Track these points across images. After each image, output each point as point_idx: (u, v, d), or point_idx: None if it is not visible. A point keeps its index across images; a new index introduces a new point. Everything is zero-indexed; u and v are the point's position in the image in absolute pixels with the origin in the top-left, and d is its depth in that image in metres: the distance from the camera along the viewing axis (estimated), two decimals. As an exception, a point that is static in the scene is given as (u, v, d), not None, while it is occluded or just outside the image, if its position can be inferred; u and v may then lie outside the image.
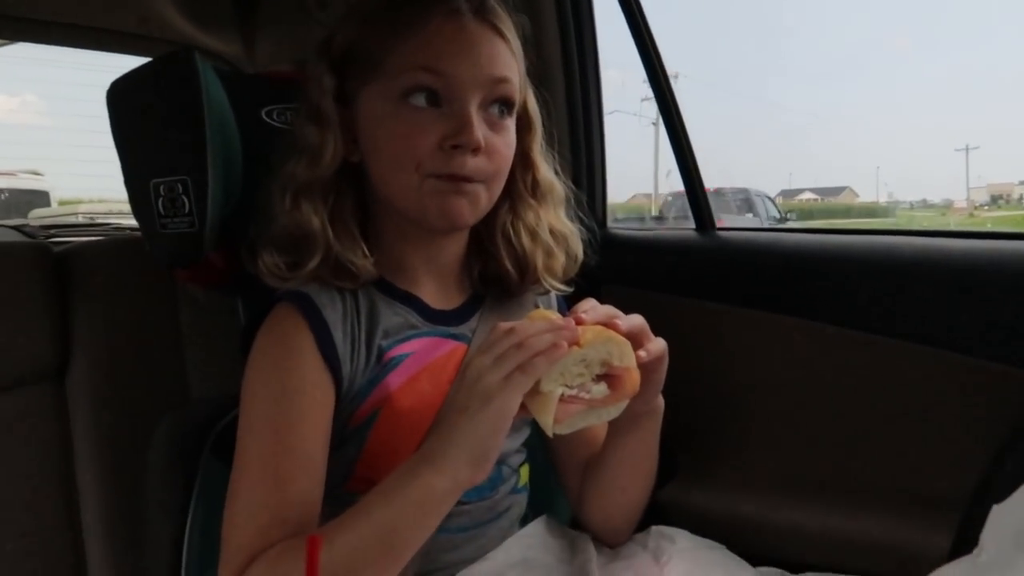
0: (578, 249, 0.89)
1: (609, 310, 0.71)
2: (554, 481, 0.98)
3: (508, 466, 0.87)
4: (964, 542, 0.80)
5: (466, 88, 0.75)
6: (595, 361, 0.67)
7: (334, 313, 0.76)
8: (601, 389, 0.68)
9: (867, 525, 0.90)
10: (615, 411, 0.70)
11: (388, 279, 0.82)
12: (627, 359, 0.67)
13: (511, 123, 0.80)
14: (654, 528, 0.89)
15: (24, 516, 0.98)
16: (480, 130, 0.74)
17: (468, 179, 0.75)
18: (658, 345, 0.73)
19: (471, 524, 0.82)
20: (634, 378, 0.68)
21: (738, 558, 0.87)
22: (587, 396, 0.67)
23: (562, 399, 0.66)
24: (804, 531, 0.94)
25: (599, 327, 0.67)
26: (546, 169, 0.87)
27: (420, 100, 0.74)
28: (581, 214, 0.92)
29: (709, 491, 1.03)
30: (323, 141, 0.77)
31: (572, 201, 0.90)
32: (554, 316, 0.70)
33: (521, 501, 0.90)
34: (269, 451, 0.71)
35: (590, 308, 0.71)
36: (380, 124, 0.77)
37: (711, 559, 0.86)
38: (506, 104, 0.79)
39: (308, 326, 0.75)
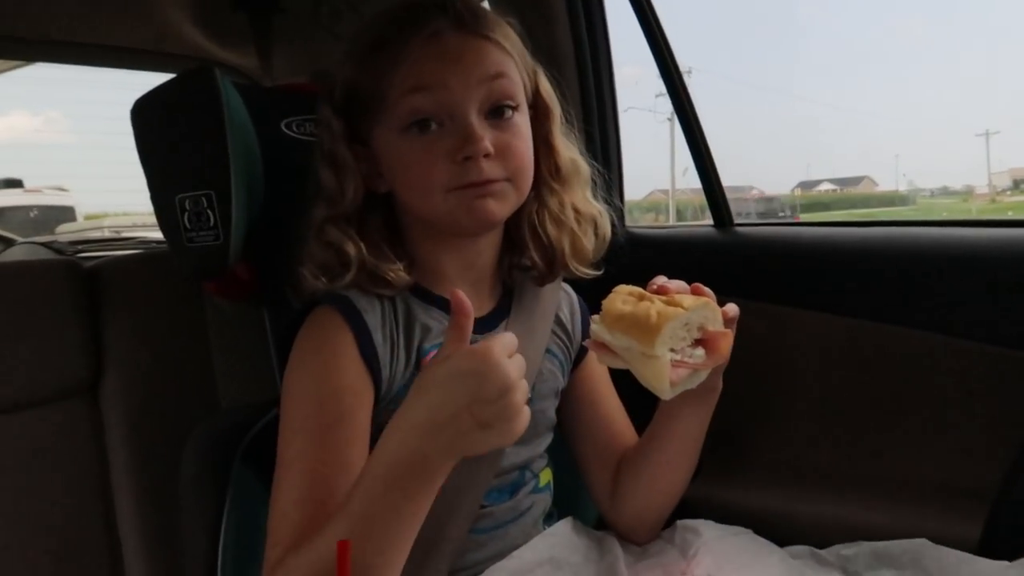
0: (606, 229, 0.89)
1: (680, 283, 0.73)
2: (578, 482, 0.98)
3: (530, 471, 0.88)
4: (993, 533, 0.80)
5: (460, 99, 0.76)
6: (694, 325, 0.68)
7: (373, 317, 0.78)
8: (700, 354, 0.69)
9: (894, 516, 0.89)
10: (704, 375, 0.72)
11: (424, 285, 0.83)
12: (719, 323, 0.70)
13: (519, 118, 0.80)
14: (679, 523, 0.89)
15: (62, 530, 1.00)
16: (486, 136, 0.75)
17: (489, 182, 0.76)
18: (734, 309, 0.75)
19: (494, 525, 0.83)
20: (728, 340, 0.70)
21: (765, 540, 0.87)
22: (690, 360, 0.68)
23: (671, 364, 0.67)
24: (829, 523, 0.93)
25: (693, 296, 0.69)
26: (568, 150, 0.87)
27: (423, 126, 0.76)
28: (607, 196, 0.92)
29: (734, 486, 1.03)
30: (341, 185, 0.79)
31: (598, 181, 0.91)
32: (639, 290, 0.70)
33: (543, 500, 0.90)
34: (310, 450, 0.73)
35: (666, 281, 0.72)
36: (395, 158, 0.78)
37: (738, 545, 0.86)
38: (509, 104, 0.79)
39: (349, 328, 0.76)
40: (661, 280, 0.72)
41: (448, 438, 0.62)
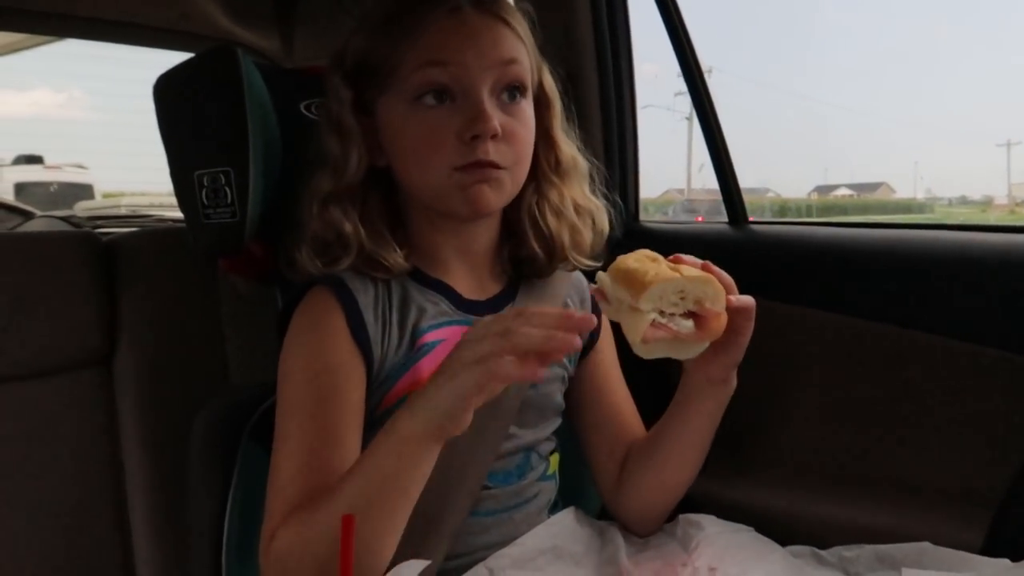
0: (604, 224, 0.90)
1: (697, 260, 0.73)
2: (585, 470, 0.99)
3: (537, 454, 0.88)
4: (998, 538, 0.80)
5: (474, 77, 0.76)
6: (691, 297, 0.69)
7: (366, 297, 0.79)
8: (688, 325, 0.69)
9: (898, 519, 0.89)
10: (695, 350, 0.72)
11: (421, 268, 0.83)
12: (719, 304, 0.70)
13: (526, 105, 0.81)
14: (681, 517, 0.89)
15: (73, 494, 1.01)
16: (496, 116, 0.76)
17: (493, 165, 0.77)
18: (749, 300, 0.74)
19: (498, 508, 0.83)
20: (721, 321, 0.70)
21: (767, 539, 0.87)
22: (675, 327, 0.69)
23: (652, 323, 0.68)
24: (834, 523, 0.93)
25: (700, 272, 0.70)
26: (568, 146, 0.88)
27: (432, 98, 0.76)
28: (606, 189, 0.93)
29: (739, 485, 1.03)
30: (346, 153, 0.79)
31: (596, 177, 0.91)
32: (658, 256, 0.71)
33: (549, 489, 0.90)
34: (304, 427, 0.74)
35: (688, 258, 0.72)
36: (400, 130, 0.79)
37: (740, 541, 0.86)
38: (518, 87, 0.80)
39: (341, 308, 0.77)
40: (680, 255, 0.72)
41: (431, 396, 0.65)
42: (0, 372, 0.98)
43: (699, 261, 0.73)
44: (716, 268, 0.72)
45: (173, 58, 1.00)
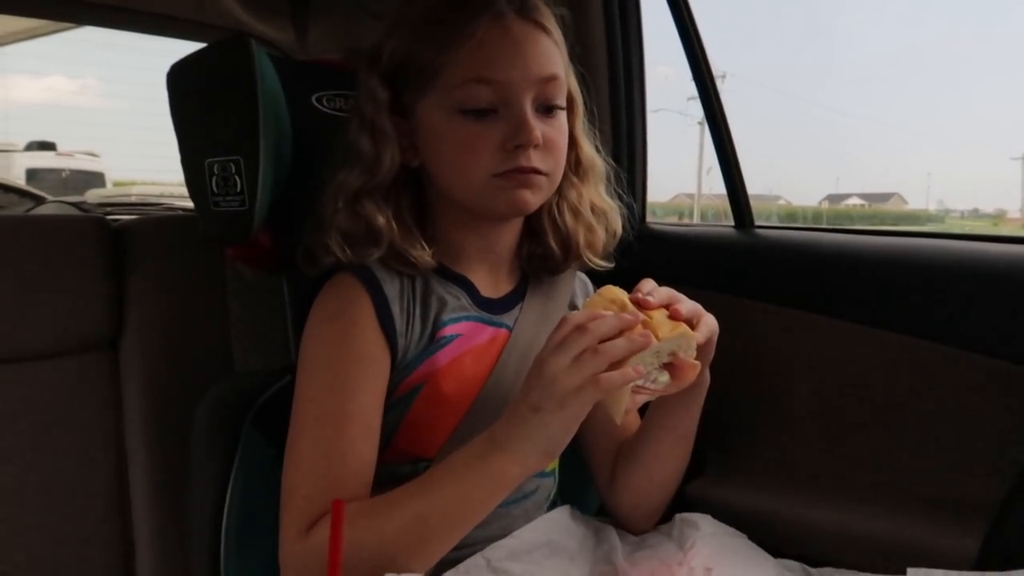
0: (617, 225, 0.91)
1: (670, 293, 0.74)
2: (584, 471, 0.99)
3: None
4: (994, 546, 0.80)
5: (519, 91, 0.77)
6: (665, 352, 0.69)
7: (392, 289, 0.80)
8: (665, 380, 0.71)
9: (892, 525, 0.89)
10: (672, 392, 0.73)
11: (444, 263, 0.84)
12: (692, 352, 0.70)
13: (562, 115, 0.83)
14: (678, 516, 0.90)
15: (76, 474, 1.03)
16: (537, 127, 0.77)
17: (535, 171, 0.78)
18: (711, 325, 0.76)
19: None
20: (695, 371, 0.71)
21: (759, 548, 0.88)
22: (652, 386, 0.70)
23: (633, 390, 0.69)
24: (828, 529, 0.93)
25: (670, 321, 0.70)
26: (588, 147, 0.89)
27: (477, 111, 0.77)
28: (620, 190, 0.94)
29: (736, 487, 1.03)
30: (380, 154, 0.80)
31: (612, 178, 0.92)
32: (623, 297, 0.71)
33: (548, 485, 0.91)
34: (328, 414, 0.75)
35: (652, 290, 0.73)
36: (440, 136, 0.79)
37: (733, 546, 0.87)
38: (557, 104, 0.81)
39: (369, 297, 0.78)
40: (647, 288, 0.73)
41: (516, 424, 0.69)
42: (8, 353, 0.99)
43: (663, 295, 0.73)
44: (681, 305, 0.73)
45: (188, 48, 1.01)
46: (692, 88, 1.25)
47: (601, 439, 0.93)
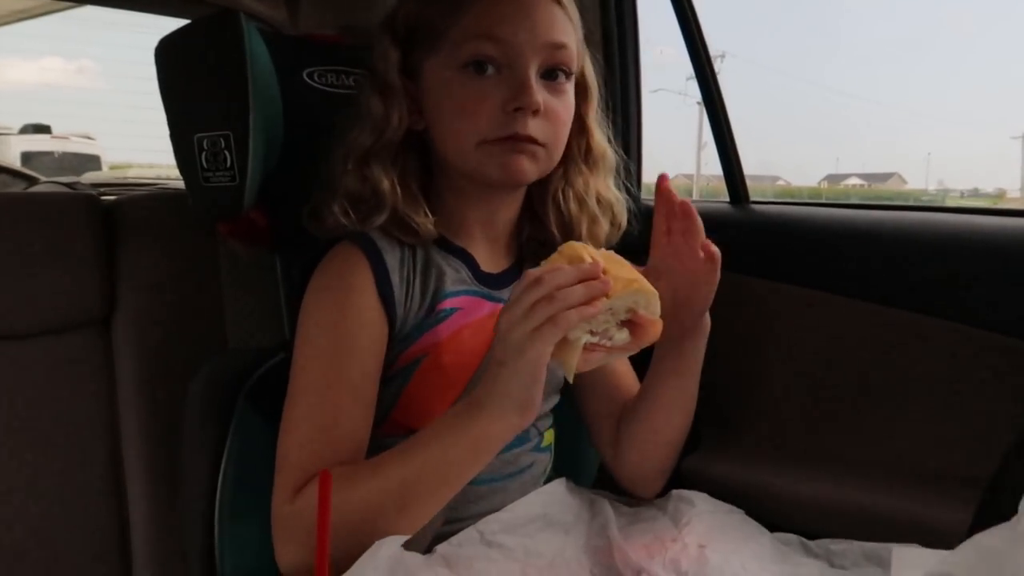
0: (623, 219, 0.91)
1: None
2: (580, 444, 0.99)
3: (535, 428, 0.89)
4: (985, 518, 0.80)
5: (525, 53, 0.77)
6: (621, 309, 0.67)
7: (393, 258, 0.80)
8: (623, 336, 0.68)
9: (886, 498, 0.90)
10: (630, 351, 0.70)
11: (445, 235, 0.84)
12: (653, 309, 0.67)
13: (569, 88, 0.82)
14: (674, 492, 0.90)
15: (69, 453, 1.02)
16: (539, 93, 0.77)
17: (532, 140, 0.78)
18: (716, 251, 0.78)
19: (491, 478, 0.84)
20: (657, 328, 0.68)
21: (756, 523, 0.88)
22: (609, 344, 0.68)
23: (586, 347, 0.67)
24: (824, 503, 0.94)
25: (627, 277, 0.67)
26: (600, 136, 0.89)
27: (481, 68, 0.77)
28: (628, 184, 0.93)
29: (732, 462, 1.03)
30: (389, 112, 0.80)
31: (620, 170, 0.92)
32: (586, 253, 0.68)
33: (543, 460, 0.92)
34: (324, 380, 0.75)
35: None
36: (444, 94, 0.79)
37: (729, 522, 0.87)
38: (564, 70, 0.81)
39: (369, 265, 0.78)
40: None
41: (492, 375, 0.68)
42: None
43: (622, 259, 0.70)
44: (634, 268, 0.70)
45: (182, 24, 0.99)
46: (690, 68, 1.24)
47: (603, 405, 0.93)
